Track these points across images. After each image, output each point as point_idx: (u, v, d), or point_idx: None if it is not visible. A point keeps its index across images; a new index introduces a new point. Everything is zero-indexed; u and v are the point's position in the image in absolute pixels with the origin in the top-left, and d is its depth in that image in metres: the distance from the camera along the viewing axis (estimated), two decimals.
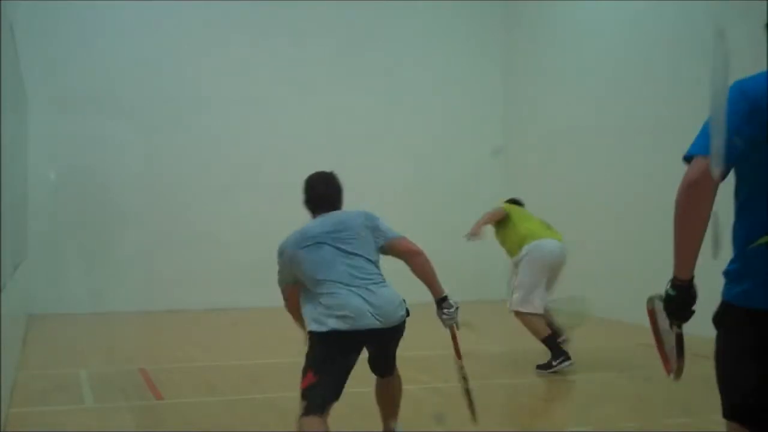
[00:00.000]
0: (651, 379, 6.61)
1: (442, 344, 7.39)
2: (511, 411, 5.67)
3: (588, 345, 7.44)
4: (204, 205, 11.15)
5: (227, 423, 5.34)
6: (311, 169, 13.41)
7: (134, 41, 11.06)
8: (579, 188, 10.93)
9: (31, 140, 9.68)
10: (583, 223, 10.81)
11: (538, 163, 11.92)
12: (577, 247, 11.02)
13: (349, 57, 11.98)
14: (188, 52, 11.26)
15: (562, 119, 11.33)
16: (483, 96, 12.64)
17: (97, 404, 5.86)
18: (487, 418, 5.45)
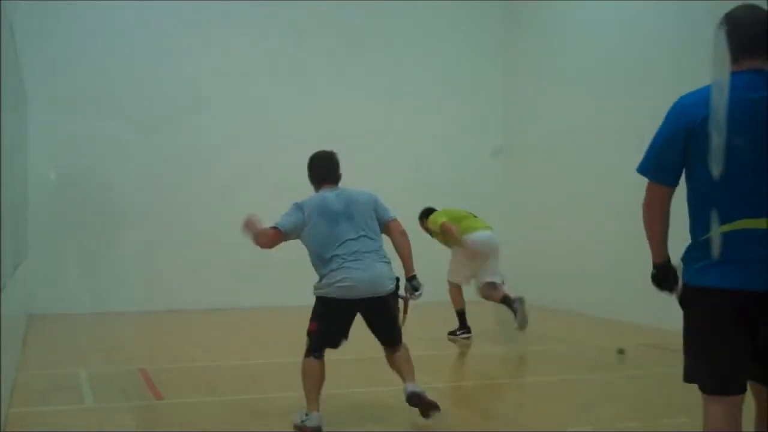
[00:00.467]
0: (651, 379, 6.62)
1: (442, 344, 7.42)
2: (511, 411, 5.67)
3: (588, 345, 7.44)
4: (204, 205, 11.15)
5: (227, 423, 5.34)
6: None
7: (134, 41, 11.06)
8: (579, 188, 10.93)
9: (31, 140, 9.67)
10: (583, 222, 10.82)
11: (538, 163, 11.92)
12: (577, 247, 11.06)
13: (349, 57, 11.97)
14: (188, 52, 11.25)
15: (562, 119, 11.33)
16: (483, 96, 12.63)
17: (97, 404, 5.85)
18: (487, 418, 5.45)
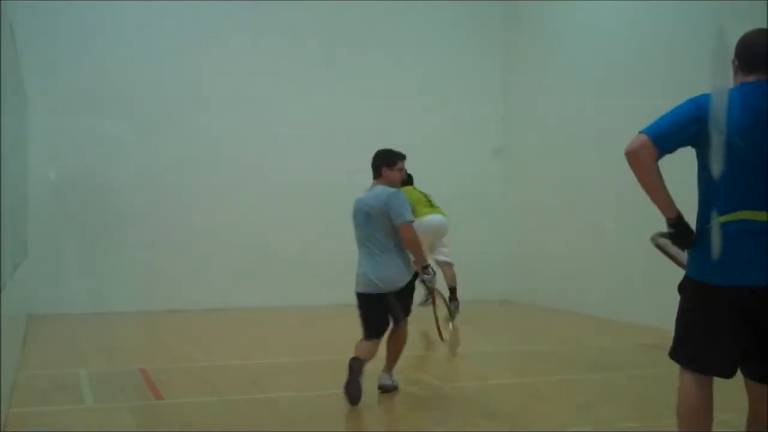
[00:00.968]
0: (651, 379, 6.61)
1: (442, 344, 7.42)
2: (511, 411, 5.67)
3: (588, 345, 7.44)
4: (204, 205, 11.15)
5: (227, 423, 5.34)
6: (311, 168, 13.52)
7: (134, 41, 11.06)
8: (579, 188, 10.93)
9: (31, 140, 9.67)
10: (583, 222, 10.82)
11: (538, 163, 11.92)
12: (576, 247, 11.06)
13: (349, 57, 11.97)
14: (188, 52, 11.25)
15: (562, 119, 11.33)
16: (483, 96, 12.63)
17: (97, 404, 5.85)
18: (487, 418, 5.45)
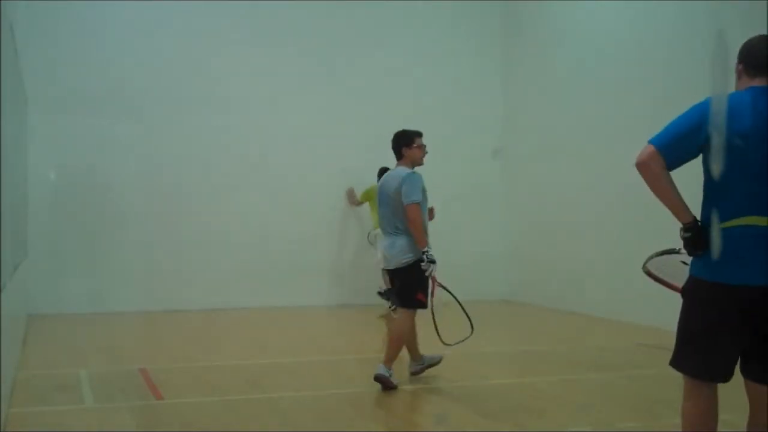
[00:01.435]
0: (651, 379, 6.62)
1: (442, 345, 7.40)
2: (511, 411, 5.67)
3: (588, 345, 7.45)
4: (204, 206, 11.15)
5: (227, 423, 5.34)
6: (311, 169, 13.52)
7: (134, 41, 11.06)
8: (578, 188, 10.94)
9: (31, 140, 9.67)
10: (583, 222, 10.82)
11: (537, 163, 11.92)
12: (576, 247, 11.06)
13: (348, 57, 11.97)
14: (188, 52, 11.25)
15: (562, 119, 11.34)
16: (483, 96, 12.63)
17: (97, 404, 5.85)
18: (487, 418, 5.45)
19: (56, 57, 10.60)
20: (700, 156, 3.27)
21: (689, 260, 3.38)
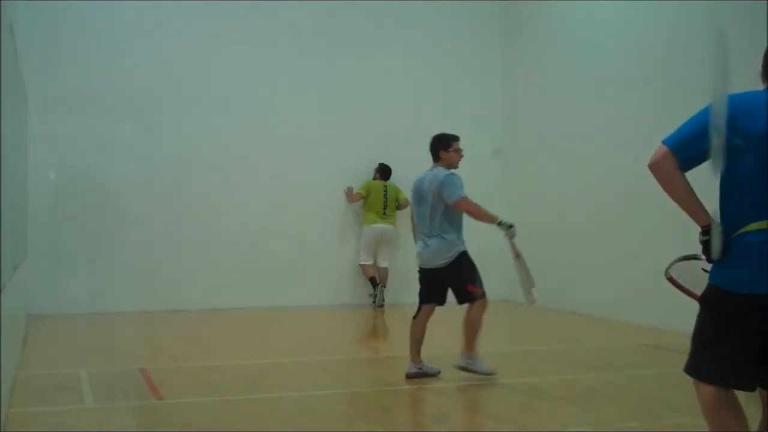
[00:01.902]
0: (651, 379, 6.62)
1: (443, 344, 7.40)
2: (511, 411, 5.67)
3: (588, 345, 7.45)
4: (204, 206, 11.15)
5: (227, 423, 5.34)
6: (311, 169, 13.52)
7: (134, 41, 11.05)
8: (578, 188, 10.94)
9: (31, 140, 9.66)
10: (583, 222, 10.83)
11: (537, 163, 11.92)
12: (576, 246, 11.06)
13: (348, 57, 11.96)
14: (188, 52, 11.24)
15: (562, 119, 11.34)
16: (483, 96, 12.63)
17: (97, 404, 5.85)
18: (487, 418, 5.45)
19: (56, 57, 10.59)
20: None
21: (710, 267, 3.22)
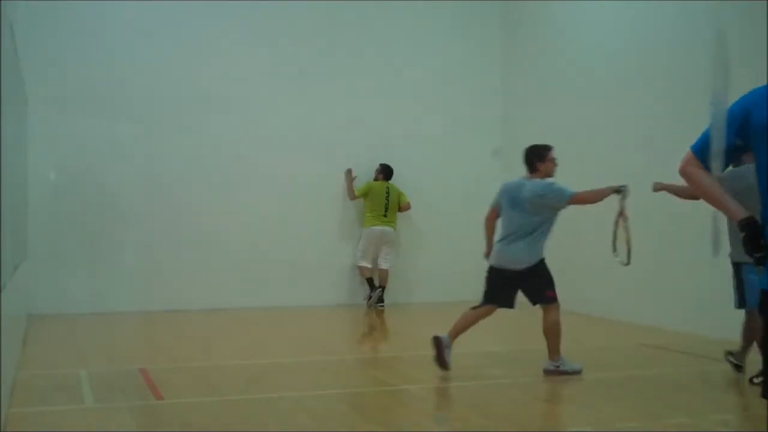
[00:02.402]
0: (651, 379, 6.62)
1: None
2: (511, 411, 5.67)
3: (588, 345, 7.45)
4: (204, 206, 11.15)
5: (227, 423, 5.34)
6: (311, 169, 13.51)
7: (134, 41, 11.05)
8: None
9: (31, 140, 9.67)
10: (582, 222, 10.81)
11: None
12: (576, 246, 11.05)
13: (348, 57, 11.96)
14: (188, 52, 11.24)
15: (562, 119, 11.33)
16: (483, 96, 12.63)
17: (97, 404, 5.85)
18: (487, 418, 5.45)
19: (56, 57, 10.59)
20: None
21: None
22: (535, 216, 6.75)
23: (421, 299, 11.85)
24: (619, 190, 6.66)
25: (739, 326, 6.89)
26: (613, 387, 6.45)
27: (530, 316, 8.64)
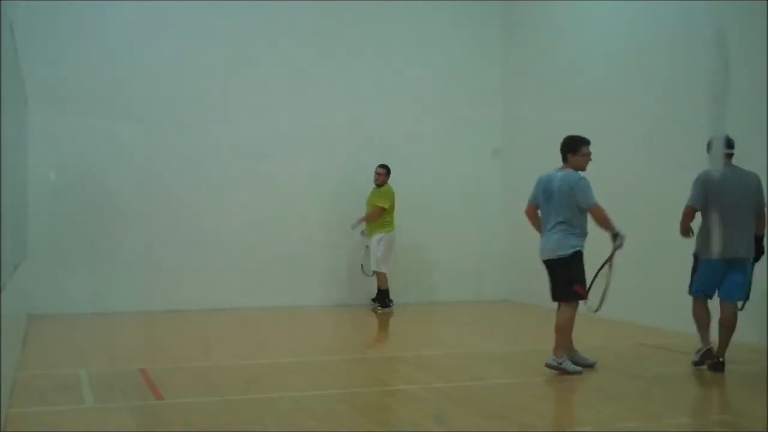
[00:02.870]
0: (651, 379, 6.62)
1: (443, 344, 7.43)
2: (511, 411, 5.67)
3: (588, 345, 7.45)
4: (204, 206, 11.15)
5: (227, 423, 5.34)
6: (311, 169, 13.52)
7: (134, 41, 11.05)
8: None
9: (31, 140, 9.68)
10: None
11: (538, 163, 11.87)
12: None
13: (348, 57, 11.97)
14: (188, 52, 11.24)
15: (562, 119, 11.32)
16: (483, 96, 12.64)
17: (97, 404, 5.85)
18: (487, 418, 5.45)
19: (56, 57, 10.60)
20: None
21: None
22: (566, 207, 6.80)
23: (421, 299, 11.85)
24: (617, 235, 6.75)
25: (740, 326, 6.89)
26: (613, 387, 6.45)
27: (530, 316, 8.63)
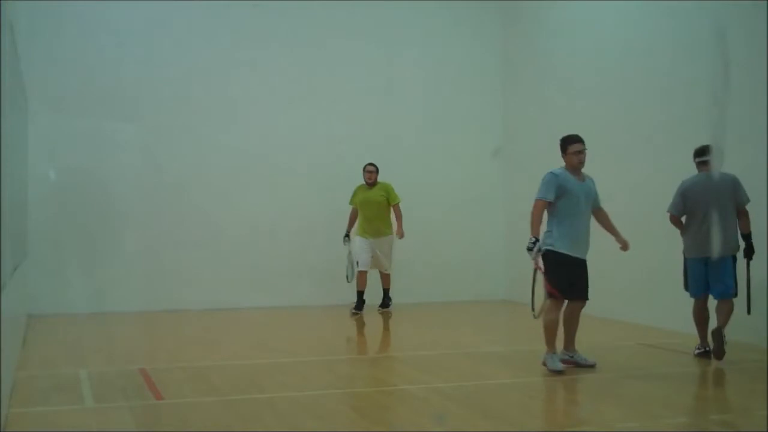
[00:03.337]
0: (651, 379, 6.62)
1: (443, 344, 7.43)
2: (511, 411, 5.67)
3: (588, 345, 7.45)
4: (204, 206, 11.16)
5: (227, 423, 5.34)
6: (311, 169, 13.51)
7: (134, 41, 11.06)
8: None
9: (31, 140, 9.68)
10: None
11: (538, 163, 11.88)
12: None
13: (349, 57, 11.98)
14: (188, 52, 11.25)
15: (562, 119, 11.32)
16: (483, 96, 12.64)
17: (97, 404, 5.85)
18: (487, 418, 5.45)
19: (56, 57, 10.60)
20: None
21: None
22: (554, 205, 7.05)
23: (421, 299, 11.84)
24: (530, 248, 6.93)
25: (740, 326, 6.90)
26: (613, 387, 6.45)
27: (530, 316, 8.64)
